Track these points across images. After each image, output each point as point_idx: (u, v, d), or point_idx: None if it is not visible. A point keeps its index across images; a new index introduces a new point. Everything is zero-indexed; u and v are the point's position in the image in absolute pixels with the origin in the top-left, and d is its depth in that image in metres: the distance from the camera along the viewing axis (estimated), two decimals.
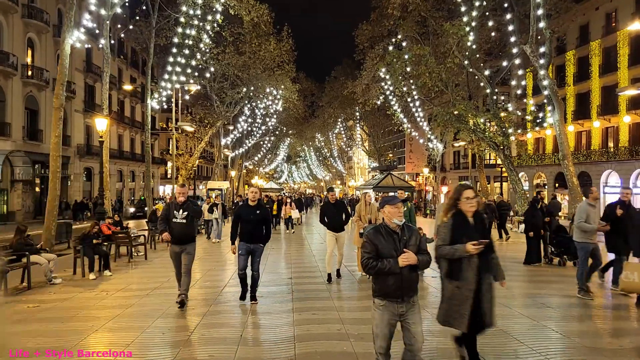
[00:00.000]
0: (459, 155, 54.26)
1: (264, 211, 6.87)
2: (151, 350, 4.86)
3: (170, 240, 6.71)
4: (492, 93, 25.98)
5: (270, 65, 29.62)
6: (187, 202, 6.72)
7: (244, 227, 6.78)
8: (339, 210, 8.61)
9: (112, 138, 40.75)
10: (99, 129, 15.12)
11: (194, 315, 6.30)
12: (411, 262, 3.41)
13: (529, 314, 6.15)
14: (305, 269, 9.99)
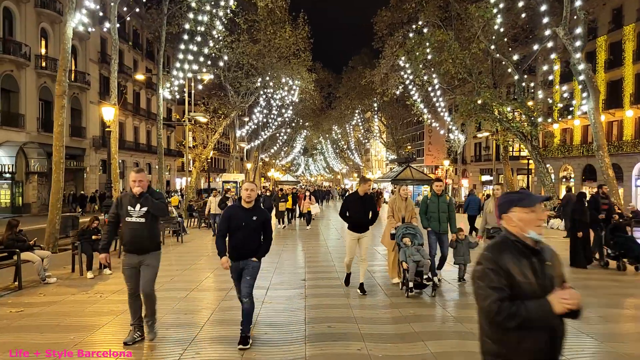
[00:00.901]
0: (480, 147, 52.59)
1: (263, 216, 4.94)
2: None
3: (124, 247, 4.91)
4: (520, 80, 24.60)
5: (285, 54, 28.65)
6: (147, 193, 4.81)
7: (232, 237, 4.86)
8: (367, 206, 6.92)
9: (128, 130, 40.57)
10: (106, 118, 14.45)
11: (193, 324, 5.48)
12: (574, 305, 2.00)
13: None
14: (320, 269, 9.09)
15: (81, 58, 32.90)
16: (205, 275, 8.42)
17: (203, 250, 11.82)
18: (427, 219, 7.38)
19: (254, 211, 4.87)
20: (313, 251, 11.43)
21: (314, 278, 8.07)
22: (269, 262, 9.74)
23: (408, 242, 6.87)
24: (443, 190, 7.51)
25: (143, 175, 4.84)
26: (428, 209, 7.42)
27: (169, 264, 9.68)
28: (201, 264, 9.81)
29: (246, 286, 4.84)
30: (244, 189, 4.95)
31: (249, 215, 4.83)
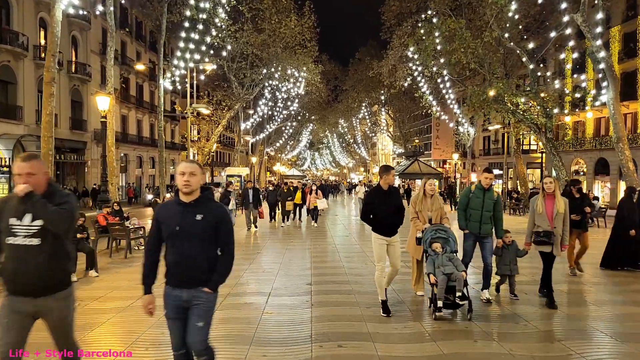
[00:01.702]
0: (489, 140, 51.52)
1: (213, 214, 3.05)
2: None
3: (5, 287, 2.96)
4: (534, 70, 23.62)
5: (291, 44, 27.77)
6: (38, 196, 2.91)
7: (167, 251, 3.10)
8: (394, 203, 5.57)
9: (130, 123, 39.91)
10: (100, 108, 13.70)
11: None
12: None
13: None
14: (328, 270, 8.28)
15: (82, 49, 32.17)
16: None
17: None
18: (466, 218, 6.09)
19: (198, 207, 2.98)
20: (320, 250, 10.64)
21: (321, 282, 7.27)
22: (272, 263, 8.97)
23: (438, 249, 5.58)
24: (491, 184, 6.06)
25: (34, 165, 2.88)
26: (469, 205, 6.06)
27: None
28: None
29: (197, 335, 2.99)
30: (179, 173, 2.99)
31: (190, 215, 2.96)
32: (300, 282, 7.23)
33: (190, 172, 2.95)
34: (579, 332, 4.97)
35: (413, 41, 25.60)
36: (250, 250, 10.62)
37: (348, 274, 7.83)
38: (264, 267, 8.61)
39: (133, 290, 6.71)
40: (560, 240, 5.79)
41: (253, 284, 7.17)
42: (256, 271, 8.17)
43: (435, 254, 5.57)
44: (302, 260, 9.31)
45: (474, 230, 6.04)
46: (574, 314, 5.72)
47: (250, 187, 14.15)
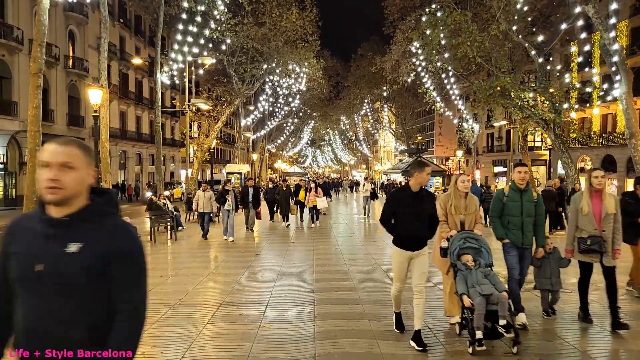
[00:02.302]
0: (492, 137, 50.86)
1: (118, 242, 1.60)
2: None
3: None
4: (542, 65, 22.93)
5: (292, 38, 27.06)
6: (77, 214, 1.60)
7: (18, 310, 1.61)
8: (425, 211, 4.44)
9: (129, 120, 39.33)
10: (93, 102, 13.07)
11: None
12: None
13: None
14: (332, 275, 7.65)
15: (79, 44, 31.53)
16: (194, 283, 7.02)
17: (197, 250, 10.45)
18: (505, 226, 4.99)
19: (76, 230, 1.58)
20: (322, 252, 9.99)
21: (325, 289, 6.64)
22: (271, 266, 8.35)
23: (469, 262, 4.45)
24: (527, 182, 4.98)
25: (74, 154, 1.58)
26: (505, 211, 4.97)
27: (152, 267, 8.30)
28: (193, 267, 8.43)
29: None
30: (40, 165, 1.58)
31: (58, 243, 1.56)
32: (301, 289, 6.61)
33: (62, 162, 1.54)
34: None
35: (417, 35, 24.91)
36: (248, 253, 9.96)
37: (354, 279, 7.21)
38: (262, 271, 8.00)
39: None
40: (611, 246, 4.78)
41: (250, 291, 6.56)
42: (253, 276, 7.56)
43: (466, 269, 4.41)
44: (304, 263, 8.68)
45: (517, 241, 4.91)
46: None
47: (251, 185, 13.51)
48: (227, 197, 11.99)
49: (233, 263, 8.76)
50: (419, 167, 4.43)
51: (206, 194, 12.56)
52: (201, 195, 12.65)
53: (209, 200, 12.43)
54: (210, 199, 12.46)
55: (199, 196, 12.71)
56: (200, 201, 12.49)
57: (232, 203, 11.90)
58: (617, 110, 33.40)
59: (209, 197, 12.50)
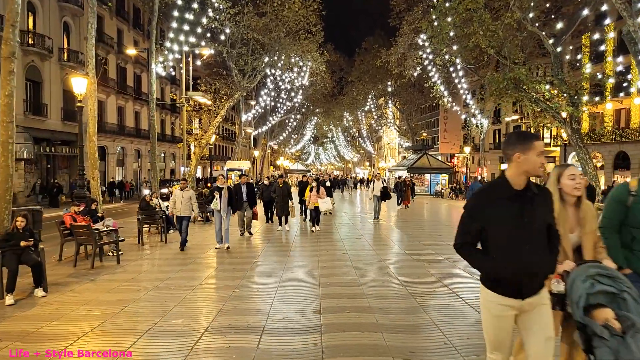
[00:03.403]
0: (499, 133, 49.66)
1: None
2: None
3: None
4: (558, 56, 21.66)
5: (294, 29, 25.84)
6: None
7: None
8: (539, 219, 2.58)
9: (128, 115, 38.26)
10: (76, 91, 11.95)
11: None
12: None
13: None
14: (341, 289, 6.47)
15: (74, 36, 30.41)
16: (176, 300, 5.87)
17: (186, 257, 9.30)
18: (627, 245, 3.18)
19: None
20: (328, 259, 8.81)
21: (334, 309, 5.47)
22: (270, 277, 7.20)
23: (613, 323, 2.49)
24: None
25: None
26: (630, 221, 3.17)
27: (131, 278, 7.17)
28: (178, 278, 7.29)
29: None
30: None
31: None
32: (305, 309, 5.45)
33: None
34: None
35: (427, 23, 23.66)
36: (243, 261, 8.68)
37: (367, 295, 6.04)
38: (258, 284, 6.83)
39: (76, 324, 4.94)
40: None
41: (242, 311, 5.40)
42: (248, 291, 6.39)
43: (612, 336, 2.45)
44: (307, 273, 7.50)
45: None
46: None
47: (244, 182, 11.59)
48: (215, 195, 9.96)
49: (225, 273, 7.59)
50: (525, 140, 2.56)
51: (185, 194, 10.07)
52: (178, 195, 10.13)
53: (188, 201, 10.05)
54: (190, 200, 10.07)
55: (176, 196, 10.16)
56: (178, 202, 10.05)
57: (221, 202, 9.88)
58: (632, 105, 32.11)
59: (189, 198, 10.08)
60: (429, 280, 6.95)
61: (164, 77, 45.34)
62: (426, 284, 6.71)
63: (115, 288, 6.52)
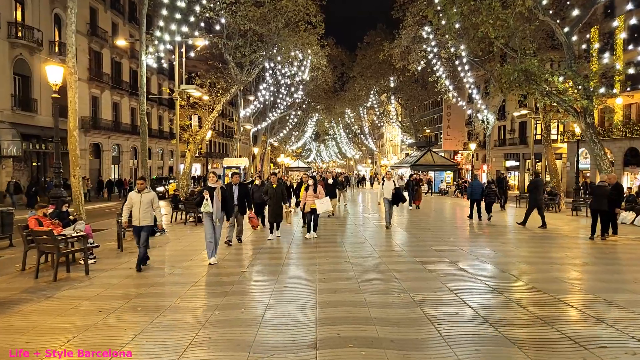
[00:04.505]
0: (504, 130, 48.52)
1: None
2: None
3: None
4: (571, 47, 20.51)
5: (294, 19, 24.66)
6: None
7: None
8: None
9: (124, 111, 37.29)
10: (51, 81, 10.90)
11: None
12: None
13: None
14: (343, 311, 5.34)
15: (66, 29, 29.29)
16: (139, 328, 4.77)
17: (164, 268, 8.20)
18: None
19: None
20: (328, 269, 7.64)
21: (335, 341, 4.36)
22: (258, 295, 6.09)
23: None
24: None
25: None
26: None
27: (95, 295, 6.08)
28: (149, 295, 6.19)
29: None
30: None
31: None
32: (298, 341, 4.35)
33: None
34: None
35: (433, 12, 22.48)
36: (226, 276, 7.20)
37: (375, 319, 4.93)
38: (242, 304, 5.68)
39: None
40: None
41: (217, 345, 4.30)
42: (229, 314, 5.24)
43: None
44: (302, 290, 6.35)
45: None
46: None
47: (236, 182, 9.59)
48: (204, 195, 7.97)
49: (206, 289, 6.44)
50: None
51: (144, 197, 7.67)
52: (135, 199, 7.67)
53: (148, 206, 7.68)
54: (150, 204, 7.71)
55: (132, 200, 7.70)
56: (135, 208, 7.64)
57: (213, 204, 7.94)
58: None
59: (149, 202, 7.70)
60: (447, 298, 5.86)
61: (161, 73, 44.35)
62: (445, 303, 5.61)
63: (72, 309, 5.43)
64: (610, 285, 6.72)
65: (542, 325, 4.79)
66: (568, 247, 10.38)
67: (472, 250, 9.62)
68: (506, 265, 8.09)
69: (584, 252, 9.74)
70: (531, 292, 6.23)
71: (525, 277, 7.15)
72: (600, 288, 6.47)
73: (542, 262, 8.47)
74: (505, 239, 11.61)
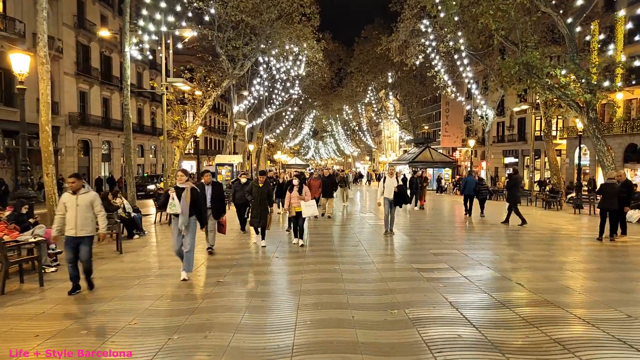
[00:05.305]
0: (503, 126, 47.81)
1: None
2: None
3: None
4: (573, 39, 19.75)
5: (287, 10, 23.78)
6: None
7: None
8: None
9: (114, 107, 36.43)
10: (16, 70, 10.06)
11: None
12: None
13: None
14: (326, 343, 4.45)
15: (51, 21, 28.27)
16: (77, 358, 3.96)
17: (130, 278, 7.39)
18: None
19: None
20: (314, 279, 6.82)
21: None
22: (229, 313, 5.25)
23: None
24: None
25: None
26: None
27: (44, 312, 5.26)
28: (93, 318, 5.38)
29: None
30: None
31: None
32: None
33: None
34: None
35: (431, 3, 21.65)
36: (195, 289, 6.25)
37: (364, 346, 4.12)
38: (207, 326, 4.79)
39: None
40: None
41: None
42: (189, 340, 4.36)
43: None
44: (282, 304, 5.56)
45: None
46: None
47: (208, 182, 8.38)
48: (170, 192, 6.61)
49: (169, 304, 5.54)
50: None
51: (80, 199, 5.95)
52: (69, 202, 5.93)
53: (87, 210, 5.97)
54: (91, 208, 6.01)
55: (65, 204, 5.94)
56: (69, 214, 5.90)
57: (176, 204, 6.51)
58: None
59: (88, 206, 5.99)
60: (447, 314, 5.07)
61: (154, 68, 43.35)
62: (445, 322, 4.82)
63: (7, 332, 4.62)
64: (631, 296, 5.96)
65: (563, 353, 4.01)
66: (576, 249, 9.63)
67: (474, 254, 8.84)
68: (512, 272, 7.31)
69: (594, 255, 8.98)
70: (543, 306, 5.46)
71: (534, 286, 6.38)
72: (620, 300, 5.71)
73: (550, 267, 7.71)
74: (508, 240, 10.85)
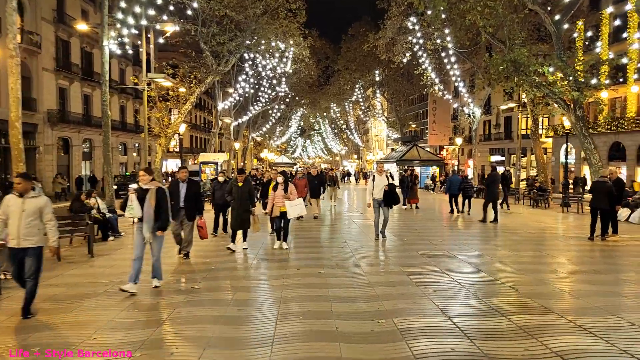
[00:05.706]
0: (489, 124, 47.93)
1: None
2: None
3: None
4: (560, 36, 19.64)
5: (272, 5, 23.28)
6: None
7: None
8: None
9: (96, 104, 35.36)
10: None
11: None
12: None
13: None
14: (306, 353, 4.09)
15: (29, 15, 27.44)
16: None
17: (97, 286, 6.89)
18: None
19: None
20: (296, 284, 6.41)
21: None
22: (200, 325, 4.78)
23: None
24: None
25: None
26: None
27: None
28: (57, 325, 4.90)
29: None
30: None
31: None
32: None
33: None
34: None
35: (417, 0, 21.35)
36: (166, 299, 5.76)
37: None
38: (177, 341, 4.38)
39: None
40: None
41: None
42: (154, 357, 4.01)
43: None
44: (260, 313, 5.14)
45: None
46: None
47: (184, 178, 7.86)
48: (130, 193, 5.97)
49: (136, 315, 5.07)
50: None
51: (28, 204, 5.02)
52: (13, 208, 4.99)
53: (34, 217, 5.04)
54: (39, 215, 5.08)
55: (9, 209, 5.01)
56: (12, 221, 4.96)
57: (143, 210, 5.86)
58: (628, 93, 30.40)
59: (36, 212, 5.06)
60: (439, 324, 4.70)
61: (137, 65, 42.44)
62: (436, 333, 4.45)
63: None
64: (631, 301, 5.66)
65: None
66: (567, 250, 9.37)
67: (464, 255, 8.51)
68: (505, 275, 6.99)
69: (587, 256, 8.72)
70: (540, 313, 5.12)
71: (528, 291, 6.05)
72: (620, 306, 5.41)
73: (543, 269, 7.41)
74: (499, 240, 10.56)
